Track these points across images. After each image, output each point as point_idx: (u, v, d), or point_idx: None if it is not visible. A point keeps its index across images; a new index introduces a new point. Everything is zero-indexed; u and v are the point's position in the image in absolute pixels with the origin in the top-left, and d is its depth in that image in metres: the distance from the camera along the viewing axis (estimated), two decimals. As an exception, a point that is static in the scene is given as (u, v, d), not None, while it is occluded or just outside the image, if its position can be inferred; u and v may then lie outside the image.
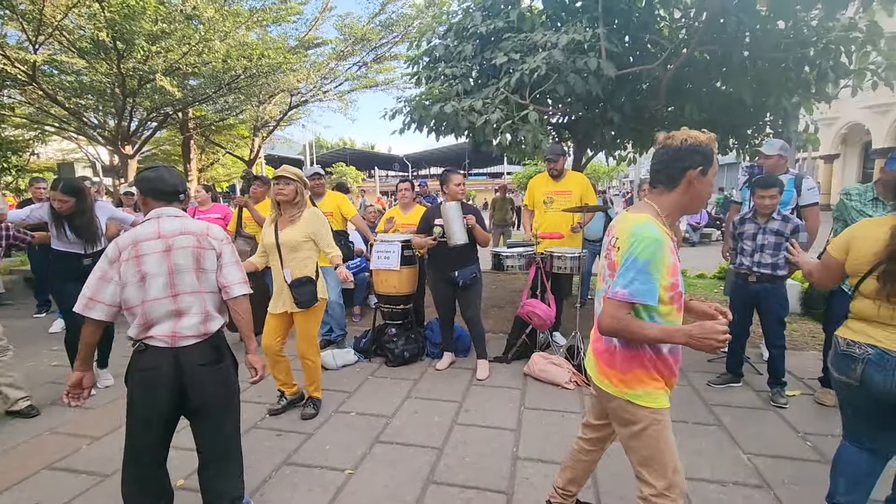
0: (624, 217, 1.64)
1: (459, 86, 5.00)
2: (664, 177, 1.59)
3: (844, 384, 1.88)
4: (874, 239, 1.78)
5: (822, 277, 2.07)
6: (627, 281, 1.47)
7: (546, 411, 3.24)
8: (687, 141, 1.53)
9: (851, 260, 1.87)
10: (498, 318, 5.48)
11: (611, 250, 1.62)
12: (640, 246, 1.47)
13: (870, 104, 21.43)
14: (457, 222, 3.60)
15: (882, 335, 1.78)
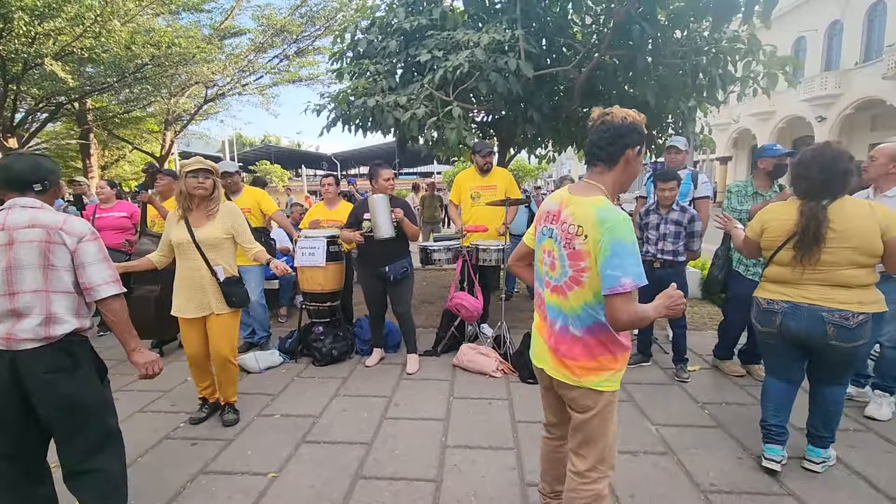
0: (574, 201, 1.55)
1: (384, 82, 4.97)
2: (605, 154, 1.55)
3: (766, 333, 2.41)
4: (784, 220, 2.28)
5: (746, 252, 2.61)
6: (629, 266, 1.40)
7: (474, 400, 3.31)
8: (626, 119, 1.53)
9: (766, 237, 2.38)
10: (429, 313, 5.52)
11: (573, 238, 1.51)
12: (622, 229, 1.42)
13: (755, 112, 24.09)
14: (383, 215, 3.57)
15: (793, 292, 2.28)
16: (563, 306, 1.60)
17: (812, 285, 2.23)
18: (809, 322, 2.22)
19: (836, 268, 2.17)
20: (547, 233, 1.64)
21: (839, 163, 2.18)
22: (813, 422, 2.43)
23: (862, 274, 2.16)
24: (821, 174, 2.18)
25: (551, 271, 1.62)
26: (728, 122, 26.70)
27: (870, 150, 3.02)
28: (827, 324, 2.18)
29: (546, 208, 1.68)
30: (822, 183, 2.18)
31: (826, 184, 2.18)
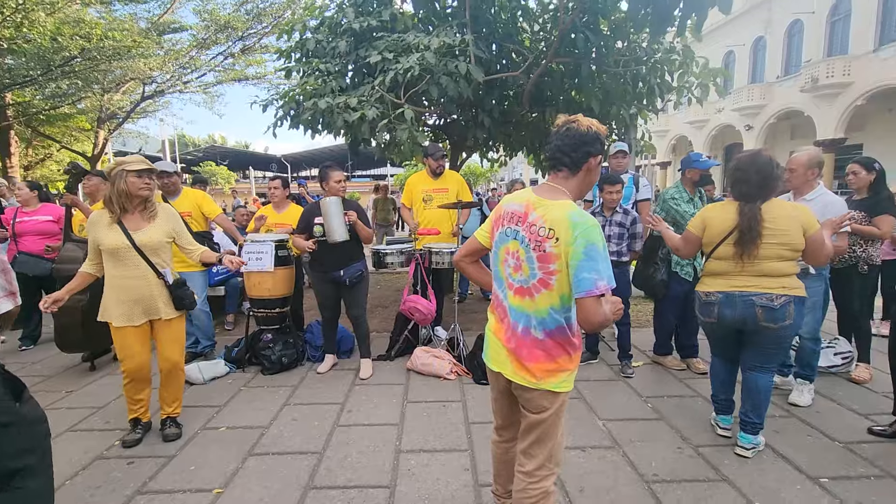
0: (543, 203, 1.56)
1: (334, 82, 4.89)
2: (569, 160, 1.57)
3: (708, 323, 2.71)
4: (723, 219, 2.56)
5: (686, 249, 2.80)
6: (603, 270, 1.43)
7: (428, 403, 3.31)
8: (591, 128, 1.56)
9: (707, 235, 2.64)
10: (383, 317, 5.46)
11: (543, 241, 1.51)
12: (593, 233, 1.45)
13: (691, 120, 25.55)
14: (336, 218, 3.51)
15: (728, 284, 2.56)
16: (527, 308, 1.59)
17: (744, 276, 2.52)
18: (742, 308, 2.51)
19: (766, 261, 2.47)
20: (511, 234, 1.62)
21: (771, 168, 2.47)
22: (745, 409, 2.64)
23: (785, 266, 2.47)
24: (757, 178, 2.45)
25: (516, 273, 1.61)
26: (666, 129, 28.22)
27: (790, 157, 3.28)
28: (756, 306, 2.47)
29: (508, 209, 1.66)
30: (758, 186, 2.46)
31: (761, 187, 2.45)
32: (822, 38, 18.79)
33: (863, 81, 16.78)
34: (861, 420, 2.97)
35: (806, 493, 2.28)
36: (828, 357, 3.64)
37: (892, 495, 2.25)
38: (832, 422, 2.96)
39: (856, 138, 18.33)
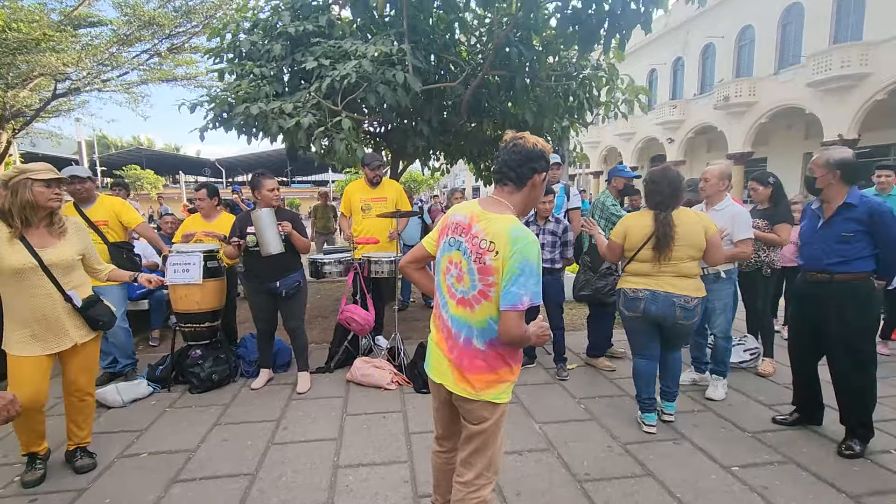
0: (486, 216, 1.58)
1: (268, 87, 4.74)
2: (515, 175, 1.60)
3: (632, 318, 2.98)
4: (642, 226, 2.89)
5: (611, 255, 3.13)
6: (531, 286, 1.47)
7: (368, 415, 3.26)
8: (536, 146, 1.60)
9: (629, 241, 2.96)
10: (323, 327, 5.33)
11: (483, 253, 1.53)
12: (530, 250, 1.48)
13: (620, 132, 27.10)
14: (269, 230, 3.39)
15: (652, 282, 2.89)
16: (469, 319, 1.60)
17: (665, 277, 2.87)
18: (664, 306, 2.85)
19: (679, 262, 2.84)
20: (455, 244, 1.64)
21: (679, 181, 2.88)
22: (666, 382, 3.11)
23: (694, 265, 2.89)
24: (669, 190, 2.83)
25: (458, 283, 1.62)
26: (598, 140, 29.77)
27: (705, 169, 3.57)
28: (676, 307, 2.83)
29: (453, 219, 1.68)
30: (670, 196, 2.84)
31: (672, 197, 2.83)
32: (731, 61, 20.64)
33: (766, 101, 18.59)
34: (767, 410, 3.27)
35: (720, 481, 2.47)
36: (738, 353, 3.98)
37: (792, 479, 2.49)
38: (742, 413, 3.24)
39: (761, 152, 20.23)
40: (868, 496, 2.32)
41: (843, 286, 2.69)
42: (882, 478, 2.48)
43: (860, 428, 2.71)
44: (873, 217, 2.58)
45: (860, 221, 2.61)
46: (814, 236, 2.82)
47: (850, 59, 14.88)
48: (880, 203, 2.66)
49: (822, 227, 2.76)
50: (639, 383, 3.06)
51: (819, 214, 2.81)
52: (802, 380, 3.02)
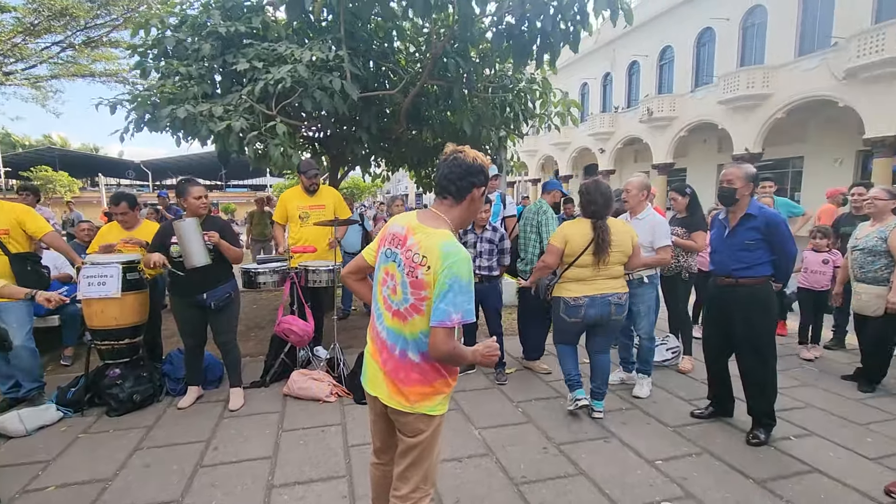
0: (422, 230, 1.58)
1: (196, 88, 4.52)
2: (455, 189, 1.61)
3: (574, 322, 3.21)
4: (582, 234, 3.13)
5: (551, 261, 3.24)
6: (461, 304, 1.46)
7: (305, 430, 3.17)
8: (476, 160, 1.62)
9: (570, 248, 3.15)
10: (259, 339, 5.12)
11: (416, 267, 1.53)
12: (461, 266, 1.48)
13: (555, 142, 28.23)
14: (194, 241, 3.21)
15: (589, 287, 3.14)
16: (403, 331, 1.59)
17: (600, 280, 3.15)
18: (601, 307, 3.15)
19: (612, 265, 3.14)
20: (391, 256, 1.64)
21: (610, 192, 3.20)
22: (596, 382, 3.34)
23: (621, 267, 3.22)
24: (602, 200, 3.13)
25: (393, 295, 1.61)
26: (535, 149, 30.86)
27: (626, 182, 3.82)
28: (611, 304, 3.15)
29: (391, 230, 1.68)
30: (603, 206, 3.12)
31: (605, 206, 3.12)
32: (654, 78, 22.17)
33: (685, 116, 20.13)
34: (686, 405, 3.52)
35: (645, 475, 2.64)
36: (661, 353, 4.26)
37: (708, 468, 2.70)
38: (665, 409, 3.47)
39: (682, 163, 21.84)
40: (772, 480, 2.57)
41: (747, 290, 2.97)
42: (784, 463, 2.75)
43: (764, 417, 2.99)
44: (770, 227, 2.88)
45: (759, 230, 2.90)
46: (721, 244, 3.10)
47: (755, 80, 16.47)
48: (776, 214, 2.97)
49: (728, 236, 3.04)
50: (568, 364, 3.35)
51: (725, 224, 3.09)
52: (715, 375, 3.29)
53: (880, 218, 3.66)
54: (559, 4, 4.10)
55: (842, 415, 3.34)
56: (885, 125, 13.08)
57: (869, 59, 12.83)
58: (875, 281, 3.61)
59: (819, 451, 2.87)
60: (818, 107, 15.43)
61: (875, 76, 12.99)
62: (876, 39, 12.73)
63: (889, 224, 3.58)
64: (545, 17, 4.10)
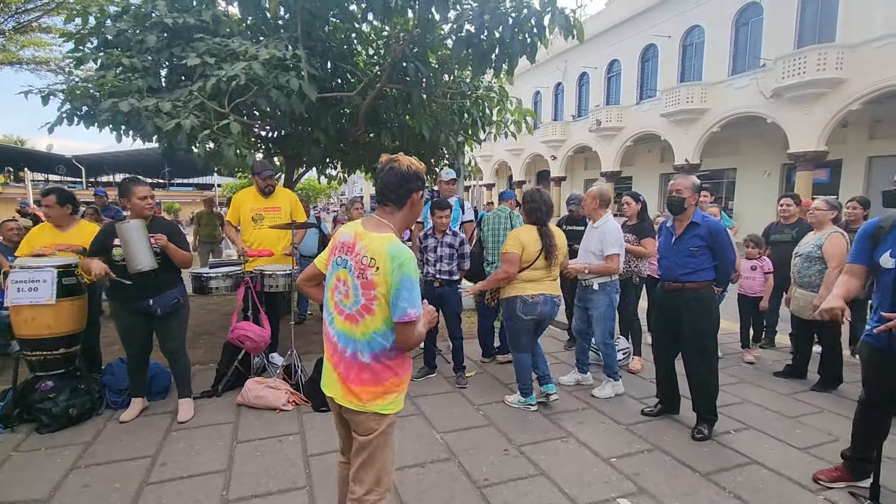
0: (368, 236, 1.67)
1: (141, 81, 4.27)
2: (395, 196, 1.71)
3: (530, 319, 3.43)
4: (534, 239, 3.38)
5: (513, 270, 3.40)
6: (414, 299, 1.59)
7: (262, 440, 3.06)
8: (411, 167, 1.72)
9: (526, 253, 3.37)
10: (210, 346, 4.90)
11: (365, 269, 1.62)
12: (410, 265, 1.60)
13: (510, 147, 28.81)
14: (139, 244, 3.02)
15: (544, 287, 3.43)
16: (354, 333, 1.67)
17: (547, 281, 3.45)
18: (551, 307, 3.47)
19: (554, 268, 3.47)
20: (341, 263, 1.72)
21: (551, 200, 3.53)
22: (541, 368, 3.64)
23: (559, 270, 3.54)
24: (545, 207, 3.45)
25: (345, 300, 1.69)
26: (490, 154, 31.35)
27: (584, 185, 3.99)
28: (556, 305, 3.49)
29: (340, 239, 1.76)
30: (547, 213, 3.45)
31: (549, 213, 3.46)
32: (602, 89, 23.12)
33: (631, 127, 21.11)
34: (637, 404, 3.69)
35: (600, 472, 2.74)
36: (613, 354, 4.44)
37: (659, 464, 2.84)
38: (618, 408, 3.62)
39: (628, 171, 22.88)
40: (716, 473, 2.74)
41: (692, 293, 3.16)
42: (726, 456, 2.94)
43: (707, 414, 3.19)
44: (712, 234, 3.08)
45: (703, 238, 3.10)
46: (669, 251, 3.28)
47: (693, 95, 17.54)
48: (717, 222, 3.18)
49: (675, 243, 3.23)
50: (524, 375, 3.54)
51: (672, 231, 3.28)
52: (664, 375, 3.47)
53: (820, 227, 3.98)
54: (517, 17, 4.21)
55: (775, 409, 3.61)
56: (806, 141, 14.28)
57: (792, 80, 13.97)
58: (810, 286, 3.91)
59: (756, 443, 3.09)
60: (749, 122, 16.62)
61: (798, 96, 14.16)
62: (798, 63, 13.88)
63: (826, 233, 3.89)
64: (504, 27, 4.19)
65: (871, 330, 2.44)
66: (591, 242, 3.77)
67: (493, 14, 4.17)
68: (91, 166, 41.16)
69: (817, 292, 3.80)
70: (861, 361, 2.61)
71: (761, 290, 4.68)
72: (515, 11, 4.22)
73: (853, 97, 13.19)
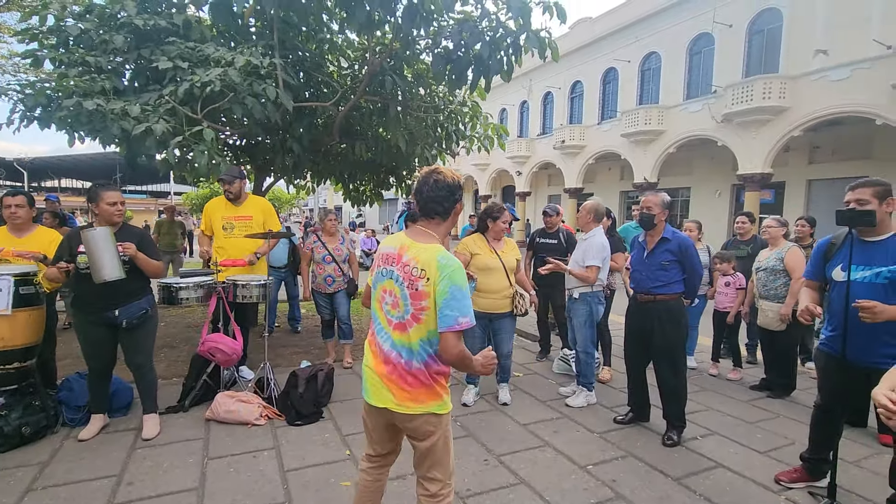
0: (416, 246, 1.72)
1: (107, 82, 4.12)
2: (443, 209, 1.77)
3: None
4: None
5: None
6: (464, 308, 1.62)
7: (235, 456, 2.96)
8: (455, 178, 1.78)
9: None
10: (172, 360, 4.70)
11: (416, 280, 1.66)
12: (459, 275, 1.65)
13: (475, 162, 29.22)
14: (105, 252, 2.86)
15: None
16: (405, 341, 1.72)
17: None
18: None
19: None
20: (387, 274, 1.76)
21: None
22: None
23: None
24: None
25: (393, 310, 1.74)
26: (456, 168, 31.66)
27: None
28: None
29: (383, 251, 1.82)
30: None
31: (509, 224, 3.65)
32: (565, 109, 23.91)
33: (592, 145, 21.88)
34: (609, 412, 3.80)
35: (578, 479, 2.80)
36: (584, 364, 4.56)
37: (632, 470, 2.93)
38: (590, 417, 3.71)
39: (590, 188, 23.60)
40: (686, 477, 2.85)
41: (663, 305, 3.31)
42: (694, 460, 3.07)
43: (677, 420, 3.32)
44: (682, 249, 3.25)
45: (673, 252, 3.26)
46: (641, 264, 3.43)
47: (651, 117, 18.41)
48: (687, 238, 3.36)
49: (647, 257, 3.38)
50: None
51: (644, 246, 3.43)
52: (635, 384, 3.60)
53: (775, 243, 4.25)
54: (493, 36, 4.34)
55: (736, 415, 3.80)
56: (753, 164, 15.22)
57: (741, 106, 14.91)
58: (776, 298, 4.12)
59: (721, 448, 3.24)
60: (702, 144, 17.57)
61: (746, 121, 15.11)
62: (746, 91, 14.86)
63: (784, 247, 4.14)
64: (482, 45, 4.31)
65: (825, 339, 2.64)
66: (578, 253, 3.89)
67: (472, 32, 4.28)
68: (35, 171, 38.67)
69: (783, 303, 4.04)
70: (817, 369, 2.81)
71: (732, 305, 4.73)
72: (492, 31, 4.36)
73: (794, 124, 14.21)
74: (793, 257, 4.02)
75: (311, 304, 4.98)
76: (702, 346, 5.26)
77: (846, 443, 2.99)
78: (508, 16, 4.26)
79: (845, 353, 2.45)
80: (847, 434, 3.18)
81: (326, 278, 4.60)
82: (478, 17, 4.35)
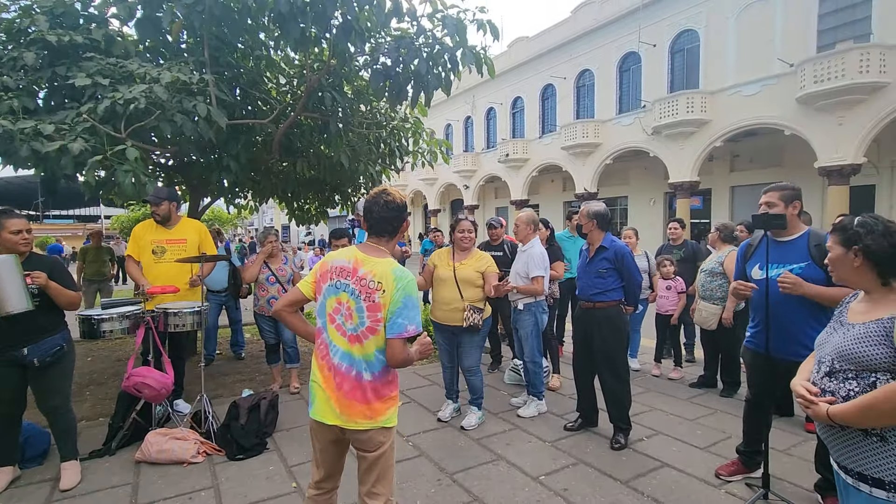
0: (370, 261, 1.81)
1: (16, 101, 3.80)
2: (392, 228, 1.90)
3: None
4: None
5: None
6: (413, 317, 1.75)
7: (168, 500, 2.73)
8: (402, 198, 1.93)
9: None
10: (98, 398, 4.32)
11: (373, 292, 1.75)
12: (412, 287, 1.78)
13: (423, 177, 29.43)
14: (10, 283, 2.60)
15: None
16: (359, 354, 1.78)
17: None
18: None
19: None
20: (342, 287, 1.81)
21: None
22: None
23: None
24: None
25: (348, 322, 1.79)
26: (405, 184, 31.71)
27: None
28: None
29: (335, 264, 1.86)
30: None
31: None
32: (508, 123, 24.61)
33: (535, 158, 22.60)
34: (559, 420, 3.85)
35: (532, 491, 2.80)
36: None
37: (583, 477, 2.97)
38: (542, 426, 3.75)
39: (535, 199, 24.33)
40: (634, 479, 2.92)
41: (602, 312, 3.42)
42: (641, 462, 3.15)
43: (622, 424, 3.41)
44: (618, 257, 3.38)
45: (610, 261, 3.38)
46: (583, 272, 3.54)
47: (588, 131, 19.29)
48: (624, 246, 3.49)
49: (588, 265, 3.49)
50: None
51: (586, 255, 3.54)
52: (583, 390, 3.67)
53: (718, 247, 4.51)
54: (431, 52, 4.39)
55: (678, 413, 3.96)
56: (682, 173, 16.26)
57: (667, 120, 15.95)
58: (711, 299, 4.33)
59: (665, 447, 3.36)
60: (635, 156, 18.58)
61: (673, 133, 16.15)
62: (671, 105, 15.92)
63: (725, 251, 4.38)
64: (420, 60, 4.35)
65: (750, 336, 2.82)
66: (519, 265, 3.93)
67: (409, 48, 4.31)
68: (-65, 196, 35.01)
69: (718, 304, 4.24)
70: (745, 365, 2.98)
71: (674, 308, 4.94)
72: (429, 47, 4.41)
73: (716, 135, 15.35)
74: (731, 261, 4.28)
75: (255, 328, 4.76)
76: (645, 347, 5.47)
77: (776, 433, 3.17)
78: (444, 33, 4.32)
79: (769, 350, 2.61)
80: (777, 424, 3.38)
81: (270, 300, 4.40)
82: (414, 33, 4.40)
